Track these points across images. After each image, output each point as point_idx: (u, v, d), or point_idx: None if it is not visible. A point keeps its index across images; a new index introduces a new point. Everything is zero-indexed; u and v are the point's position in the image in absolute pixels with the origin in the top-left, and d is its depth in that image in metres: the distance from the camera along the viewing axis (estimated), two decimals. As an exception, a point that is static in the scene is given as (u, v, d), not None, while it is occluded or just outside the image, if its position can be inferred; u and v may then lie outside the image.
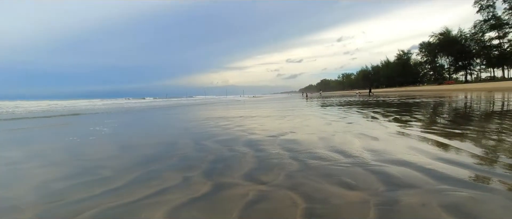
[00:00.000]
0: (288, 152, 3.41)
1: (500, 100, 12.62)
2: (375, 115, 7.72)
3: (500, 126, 4.81)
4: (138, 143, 4.82)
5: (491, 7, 54.03)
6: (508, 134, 3.99)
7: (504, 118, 5.98)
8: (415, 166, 2.56)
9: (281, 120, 7.69)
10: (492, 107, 9.21)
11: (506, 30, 53.02)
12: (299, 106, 15.61)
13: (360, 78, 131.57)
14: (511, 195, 1.84)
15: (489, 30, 55.90)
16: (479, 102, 11.78)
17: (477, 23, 57.99)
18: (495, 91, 25.38)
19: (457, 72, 69.80)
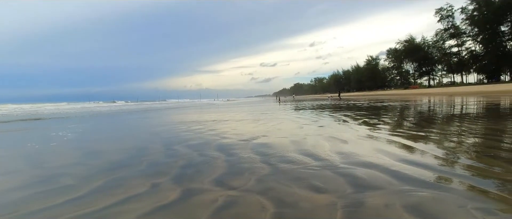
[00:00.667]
0: (260, 156, 3.42)
1: (459, 103, 13.50)
2: (346, 119, 7.95)
3: (459, 128, 5.13)
4: (105, 149, 4.61)
5: (451, 17, 57.80)
6: (466, 136, 4.26)
7: (463, 120, 6.39)
8: (381, 168, 2.66)
9: (254, 123, 7.70)
10: (453, 110, 9.83)
11: (464, 39, 56.96)
12: (272, 109, 15.74)
13: (332, 82, 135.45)
14: (467, 195, 1.95)
15: (449, 39, 59.74)
16: (441, 106, 12.52)
17: (438, 32, 61.75)
18: (455, 95, 27.11)
19: (421, 77, 73.82)
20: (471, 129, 4.89)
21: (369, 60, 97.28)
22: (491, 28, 48.71)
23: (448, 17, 58.04)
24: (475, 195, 1.93)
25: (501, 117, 6.74)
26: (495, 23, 47.83)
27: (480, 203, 1.79)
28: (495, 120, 6.12)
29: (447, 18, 58.28)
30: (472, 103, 13.34)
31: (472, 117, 6.99)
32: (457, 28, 57.14)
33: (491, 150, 3.23)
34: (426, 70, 70.53)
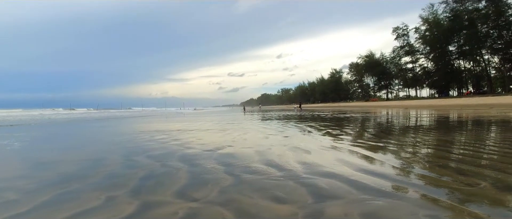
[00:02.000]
0: (224, 167, 3.37)
1: (414, 116, 14.47)
2: (310, 129, 8.15)
3: (414, 139, 5.48)
4: (56, 159, 4.28)
5: (406, 35, 62.42)
6: (420, 147, 4.55)
7: (417, 132, 6.83)
8: (341, 178, 2.74)
9: (220, 133, 7.63)
10: (408, 122, 10.50)
11: (418, 56, 61.68)
12: (239, 119, 15.72)
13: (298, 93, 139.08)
14: (419, 203, 2.05)
15: (405, 55, 64.38)
16: (398, 118, 13.32)
17: (395, 49, 66.30)
18: (410, 108, 29.00)
19: (380, 91, 78.40)
20: (424, 140, 5.24)
21: (333, 73, 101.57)
22: (440, 47, 53.24)
23: (403, 35, 62.60)
24: (426, 203, 2.04)
25: (449, 129, 7.31)
26: (444, 43, 52.39)
27: (430, 211, 1.90)
28: (445, 132, 6.62)
29: (402, 36, 62.83)
30: (425, 115, 14.35)
31: (425, 129, 7.50)
32: (412, 46, 61.76)
33: (441, 160, 3.47)
34: (384, 84, 75.02)
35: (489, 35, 46.13)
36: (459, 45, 51.31)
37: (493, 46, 46.36)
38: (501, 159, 3.41)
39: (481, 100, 29.61)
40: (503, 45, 44.86)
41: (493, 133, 6.20)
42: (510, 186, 2.32)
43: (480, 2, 45.49)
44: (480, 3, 45.51)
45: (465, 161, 3.32)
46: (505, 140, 4.99)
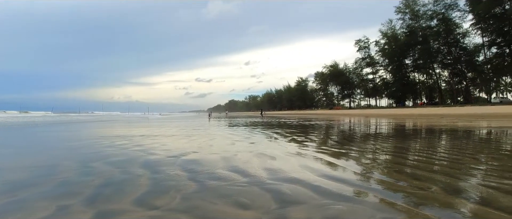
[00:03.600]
0: (188, 173, 3.29)
1: (374, 124, 15.24)
2: (276, 136, 8.25)
3: (374, 146, 5.75)
4: (2, 166, 3.91)
5: (367, 48, 65.98)
6: (379, 153, 4.78)
7: (376, 139, 7.19)
8: (304, 183, 2.79)
9: (186, 139, 7.46)
10: (368, 130, 11.03)
11: (378, 68, 65.40)
12: (206, 125, 15.52)
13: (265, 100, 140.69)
14: (378, 207, 2.14)
15: (366, 67, 68.01)
16: (359, 126, 13.94)
17: (357, 60, 69.77)
18: (370, 117, 30.51)
19: (344, 99, 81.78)
20: (383, 147, 5.53)
21: (299, 81, 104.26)
22: (398, 60, 56.89)
23: (365, 48, 66.13)
24: (384, 206, 2.13)
25: (405, 137, 7.80)
26: (401, 56, 56.08)
27: (387, 214, 1.98)
28: (401, 139, 7.05)
29: (364, 48, 66.34)
30: (383, 124, 15.18)
31: (383, 137, 7.92)
32: (372, 58, 65.38)
33: (398, 166, 3.68)
34: (347, 93, 78.41)
35: (440, 51, 50.23)
36: (414, 59, 55.24)
37: (443, 61, 50.52)
38: (450, 165, 3.69)
39: (433, 111, 32.00)
40: (451, 60, 49.08)
41: (443, 141, 6.71)
42: (458, 190, 2.51)
43: (433, 21, 49.56)
44: (433, 21, 49.58)
45: (419, 167, 3.55)
46: (454, 148, 5.42)
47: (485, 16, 40.62)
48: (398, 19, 54.15)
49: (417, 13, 50.72)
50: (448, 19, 47.34)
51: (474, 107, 32.46)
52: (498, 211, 1.95)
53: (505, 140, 6.69)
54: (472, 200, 2.23)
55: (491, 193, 2.38)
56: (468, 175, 3.08)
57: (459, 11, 46.08)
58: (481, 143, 6.18)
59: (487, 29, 41.97)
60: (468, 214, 1.95)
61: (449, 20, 47.36)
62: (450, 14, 47.24)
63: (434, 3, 48.02)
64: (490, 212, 1.96)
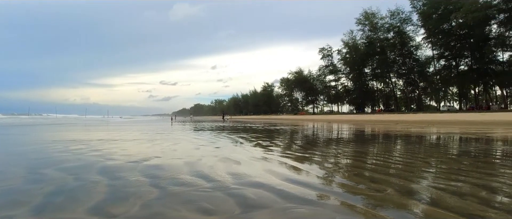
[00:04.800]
0: (150, 179, 3.16)
1: (336, 129, 15.84)
2: (241, 140, 8.24)
3: (336, 150, 5.97)
4: None
5: (330, 56, 68.60)
6: (341, 158, 4.97)
7: (338, 144, 7.47)
8: (269, 188, 2.81)
9: (148, 144, 7.19)
10: (331, 135, 11.43)
11: (340, 76, 68.24)
12: (170, 129, 15.09)
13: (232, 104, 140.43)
14: (338, 209, 2.21)
15: (329, 74, 70.61)
16: (322, 131, 14.40)
17: (321, 67, 72.21)
18: (332, 122, 31.65)
19: (308, 105, 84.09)
20: (344, 152, 5.75)
21: (265, 87, 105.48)
22: (358, 69, 59.81)
23: (328, 56, 68.66)
24: (344, 209, 2.21)
25: (364, 142, 8.19)
26: (361, 65, 59.04)
27: (347, 216, 2.06)
28: (361, 144, 7.39)
29: (327, 57, 68.87)
30: (345, 129, 15.83)
31: (344, 141, 8.26)
32: (335, 66, 68.08)
33: (357, 169, 3.85)
34: (311, 99, 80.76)
35: (396, 61, 53.71)
36: (373, 68, 58.47)
37: (399, 71, 54.07)
38: (404, 168, 3.94)
39: (390, 117, 34.05)
40: (406, 70, 52.69)
41: (398, 146, 7.15)
42: (411, 191, 2.69)
43: (389, 33, 52.91)
44: (389, 33, 52.93)
45: (377, 170, 3.75)
46: (408, 152, 5.79)
47: (435, 31, 44.25)
48: (358, 30, 57.05)
49: (376, 26, 53.83)
50: (403, 32, 50.83)
51: (425, 114, 35.11)
52: (445, 211, 2.11)
53: (451, 145, 7.30)
54: (423, 201, 2.39)
55: (439, 194, 2.58)
56: (419, 178, 3.30)
57: (413, 25, 49.73)
58: (431, 148, 6.68)
59: (437, 43, 45.71)
60: (419, 214, 2.09)
61: (404, 33, 50.86)
62: (405, 27, 50.77)
63: (391, 17, 51.33)
64: (438, 212, 2.11)
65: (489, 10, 35.18)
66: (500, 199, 2.45)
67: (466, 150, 5.97)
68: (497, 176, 3.30)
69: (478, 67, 41.23)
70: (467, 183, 2.95)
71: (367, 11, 53.71)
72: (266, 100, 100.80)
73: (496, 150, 6.03)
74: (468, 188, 2.75)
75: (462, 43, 42.16)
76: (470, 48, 41.27)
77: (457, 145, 7.32)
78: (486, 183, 2.94)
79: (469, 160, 4.58)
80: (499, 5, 35.21)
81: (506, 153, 5.48)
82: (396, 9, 50.11)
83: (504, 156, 5.19)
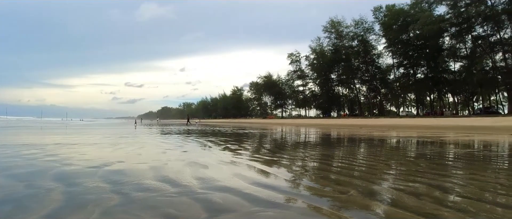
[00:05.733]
0: (111, 185, 3.00)
1: (304, 133, 16.19)
2: (210, 144, 8.13)
3: (303, 154, 6.08)
4: None
5: (298, 62, 70.26)
6: (308, 161, 5.07)
7: (306, 147, 7.63)
8: (236, 191, 2.78)
9: (110, 148, 6.84)
10: (299, 138, 11.65)
11: (307, 81, 70.07)
12: (135, 133, 14.51)
13: (200, 108, 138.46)
14: (305, 212, 2.24)
15: (297, 79, 72.26)
16: (290, 134, 14.64)
17: (289, 72, 73.69)
18: (300, 126, 32.33)
19: (276, 109, 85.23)
20: (311, 155, 5.88)
21: (235, 90, 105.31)
22: (325, 75, 61.89)
23: (296, 61, 70.29)
24: (310, 211, 2.24)
25: (330, 145, 8.45)
26: (328, 71, 61.16)
27: (313, 218, 2.11)
28: (327, 147, 7.61)
29: (296, 62, 70.49)
30: (312, 133, 16.23)
31: (312, 145, 8.45)
32: (303, 71, 69.83)
33: (324, 172, 3.95)
34: (280, 103, 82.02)
35: (359, 68, 56.37)
36: (339, 74, 60.82)
37: (362, 77, 56.75)
38: (367, 170, 4.11)
39: (354, 121, 35.53)
40: (369, 77, 55.41)
41: (362, 149, 7.46)
42: (373, 192, 2.80)
43: (354, 41, 55.39)
44: (354, 41, 55.42)
45: (342, 173, 3.87)
46: (370, 155, 6.06)
47: (395, 41, 47.11)
48: (325, 37, 59.13)
49: (341, 34, 56.08)
50: (366, 41, 53.52)
51: (386, 119, 37.06)
52: (403, 210, 2.22)
53: (410, 148, 7.75)
54: (383, 202, 2.50)
55: (398, 194, 2.71)
56: (381, 179, 3.46)
57: (375, 35, 52.61)
58: (391, 151, 7.04)
59: (396, 52, 48.71)
60: (380, 214, 2.18)
61: (367, 42, 53.55)
62: (368, 36, 53.53)
63: (355, 26, 53.81)
64: (397, 211, 2.21)
65: (442, 23, 38.14)
66: (452, 198, 2.63)
67: (422, 153, 6.37)
68: (449, 177, 3.55)
69: (433, 76, 44.50)
70: (423, 183, 3.13)
71: (333, 19, 55.84)
72: (235, 104, 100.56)
73: (448, 152, 6.50)
74: (424, 188, 2.92)
75: (419, 53, 45.33)
76: (426, 57, 44.49)
77: (415, 148, 7.80)
78: (439, 183, 3.14)
79: (425, 162, 4.88)
80: (451, 19, 38.35)
81: (457, 156, 5.93)
82: (360, 19, 52.75)
83: (455, 158, 5.60)
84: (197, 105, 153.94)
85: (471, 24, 37.29)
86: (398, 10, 45.60)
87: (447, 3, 38.15)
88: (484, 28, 37.38)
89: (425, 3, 42.25)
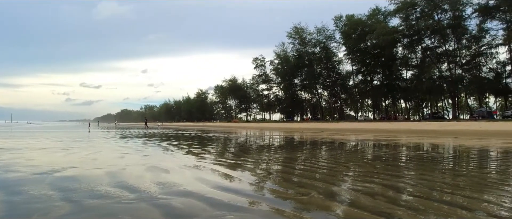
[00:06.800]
0: (61, 193, 2.78)
1: (268, 136, 16.36)
2: (172, 148, 7.90)
3: (267, 157, 6.13)
4: None
5: (263, 66, 71.06)
6: (272, 164, 5.12)
7: (270, 151, 7.71)
8: (197, 196, 2.72)
9: (62, 153, 6.37)
10: (263, 142, 11.74)
11: (272, 85, 71.09)
12: (91, 136, 13.66)
13: (163, 111, 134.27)
14: (267, 214, 2.24)
15: (262, 83, 73.01)
16: (255, 138, 14.71)
17: (254, 76, 74.22)
18: (264, 129, 32.59)
19: (241, 113, 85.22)
20: (275, 158, 5.95)
21: (199, 93, 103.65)
22: (289, 80, 63.26)
23: (261, 66, 70.97)
24: (273, 214, 2.25)
25: (293, 148, 8.63)
26: (291, 76, 62.60)
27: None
28: (290, 150, 7.75)
29: (260, 66, 71.14)
30: (276, 136, 16.45)
31: (275, 148, 8.56)
32: (267, 76, 70.71)
33: (287, 175, 4.01)
34: (245, 107, 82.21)
35: (321, 74, 58.54)
36: (302, 79, 62.53)
37: (324, 83, 58.97)
38: (328, 172, 4.25)
39: (316, 125, 36.64)
40: (330, 83, 57.76)
41: (323, 152, 7.71)
42: (332, 194, 2.89)
43: (316, 48, 57.44)
44: (316, 48, 57.46)
45: (304, 175, 3.95)
46: (331, 157, 6.28)
47: (354, 49, 49.69)
48: (289, 43, 60.59)
49: (305, 40, 57.85)
50: (328, 48, 55.79)
51: (346, 123, 38.76)
52: (359, 210, 2.32)
53: (367, 151, 8.17)
54: (342, 202, 2.60)
55: (355, 195, 2.83)
56: (340, 181, 3.59)
57: (336, 42, 55.03)
58: (350, 153, 7.37)
59: (355, 59, 51.35)
60: (339, 214, 2.25)
61: (328, 49, 55.83)
62: (329, 44, 55.85)
63: (318, 33, 55.88)
64: (354, 211, 2.31)
65: (396, 34, 41.04)
66: (404, 197, 2.80)
67: (378, 155, 6.75)
68: (402, 177, 3.78)
69: (388, 83, 47.55)
70: (378, 184, 3.31)
71: (297, 26, 57.40)
72: (199, 107, 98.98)
73: (401, 154, 6.95)
74: (379, 188, 3.09)
75: (375, 61, 48.22)
76: (382, 65, 47.48)
77: (372, 150, 8.24)
78: (393, 183, 3.34)
79: (381, 164, 5.18)
80: (403, 31, 41.46)
81: (409, 157, 6.36)
82: (322, 26, 54.81)
83: (407, 160, 6.01)
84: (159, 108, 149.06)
85: (421, 36, 40.64)
86: (357, 20, 48.16)
87: (400, 16, 41.22)
88: (431, 40, 40.94)
89: (381, 15, 45.32)
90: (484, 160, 6.08)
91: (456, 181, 3.58)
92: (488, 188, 3.16)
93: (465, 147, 8.81)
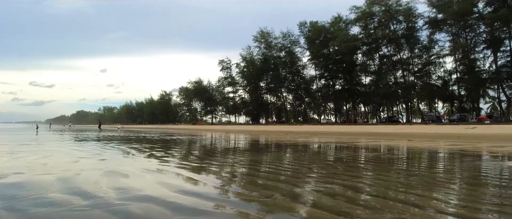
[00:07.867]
0: (3, 201, 2.52)
1: (233, 139, 16.31)
2: (133, 151, 7.56)
3: (232, 160, 6.09)
4: None
5: (229, 69, 70.88)
6: (237, 166, 5.09)
7: (235, 153, 7.67)
8: (158, 201, 2.61)
9: (6, 157, 5.81)
10: (228, 144, 11.67)
11: (237, 88, 71.14)
12: (40, 139, 12.63)
13: (124, 112, 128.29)
14: (231, 217, 2.22)
15: (228, 86, 72.73)
16: (220, 141, 14.58)
17: (220, 79, 73.72)
18: (230, 132, 32.48)
19: (207, 115, 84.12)
20: (240, 161, 5.93)
21: (163, 95, 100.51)
22: (254, 83, 63.72)
23: (227, 68, 70.66)
24: (237, 217, 2.23)
25: (258, 151, 8.68)
26: (257, 79, 63.13)
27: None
28: (255, 153, 7.78)
29: (226, 69, 70.82)
30: (241, 139, 16.46)
31: (241, 151, 8.55)
32: (233, 78, 70.63)
33: (252, 177, 4.01)
34: (210, 109, 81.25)
35: (286, 78, 59.73)
36: (267, 83, 63.27)
37: (289, 86, 60.24)
38: (292, 174, 4.32)
39: (281, 128, 37.26)
40: (295, 86, 59.13)
41: (287, 154, 7.84)
42: (295, 195, 2.93)
43: (282, 52, 58.60)
44: (282, 52, 58.62)
45: (269, 177, 3.98)
46: (295, 159, 6.40)
47: (317, 54, 51.44)
48: (255, 46, 61.10)
49: (270, 44, 58.72)
50: (293, 53, 57.15)
51: (309, 126, 39.92)
52: (320, 210, 2.38)
53: (329, 153, 8.46)
54: (305, 203, 2.65)
55: (317, 195, 2.91)
56: (303, 182, 3.67)
57: (300, 47, 56.49)
58: (313, 155, 7.57)
59: (319, 64, 53.16)
60: (301, 215, 2.30)
61: (293, 54, 57.19)
62: (294, 48, 57.19)
63: (283, 38, 56.99)
64: (315, 211, 2.36)
65: (356, 42, 43.27)
66: (363, 197, 2.93)
67: (339, 157, 7.01)
68: (361, 178, 3.96)
69: (349, 88, 49.84)
70: (339, 185, 3.43)
71: (263, 30, 58.06)
72: (163, 109, 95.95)
73: (360, 156, 7.29)
74: (339, 189, 3.20)
75: (337, 67, 50.29)
76: (343, 71, 49.66)
77: (334, 152, 8.54)
78: (352, 184, 3.48)
79: (341, 165, 5.38)
80: (363, 39, 43.89)
81: (367, 159, 6.69)
82: (287, 31, 56.00)
83: (366, 161, 6.32)
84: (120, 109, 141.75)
85: (378, 45, 43.35)
86: (320, 27, 49.96)
87: (360, 24, 43.71)
88: (388, 49, 43.86)
89: (343, 23, 47.54)
90: (433, 160, 6.57)
91: (409, 181, 3.83)
92: (437, 187, 3.41)
93: (417, 149, 9.47)
